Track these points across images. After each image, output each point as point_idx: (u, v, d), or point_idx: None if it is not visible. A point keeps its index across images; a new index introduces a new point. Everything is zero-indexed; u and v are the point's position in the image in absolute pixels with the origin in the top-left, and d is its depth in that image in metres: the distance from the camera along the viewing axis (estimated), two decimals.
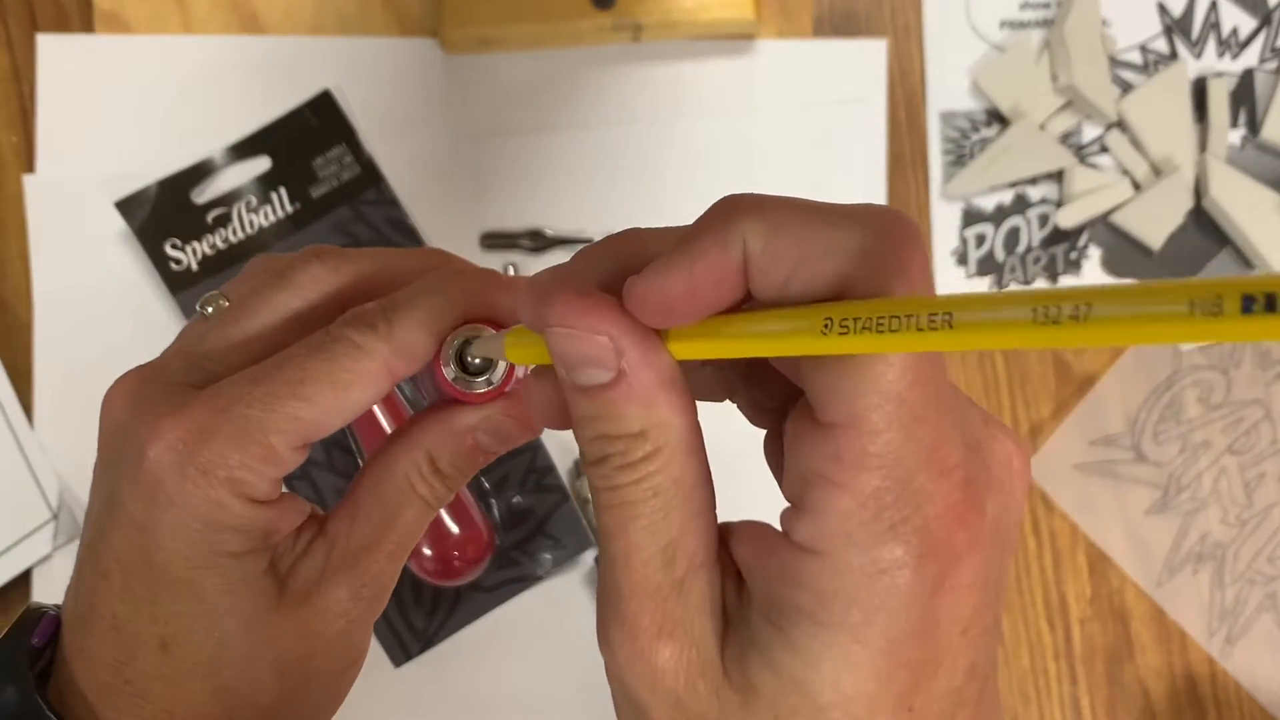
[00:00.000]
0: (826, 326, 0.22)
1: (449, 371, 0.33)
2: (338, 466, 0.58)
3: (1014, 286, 0.61)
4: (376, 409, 0.55)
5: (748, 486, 0.35)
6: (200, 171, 0.58)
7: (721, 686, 0.26)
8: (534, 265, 0.60)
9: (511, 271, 0.59)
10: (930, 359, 0.24)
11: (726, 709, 0.25)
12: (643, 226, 0.30)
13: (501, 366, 0.33)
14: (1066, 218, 0.60)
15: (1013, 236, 0.61)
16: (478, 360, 0.33)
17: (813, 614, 0.24)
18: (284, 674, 0.33)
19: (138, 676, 0.32)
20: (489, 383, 0.33)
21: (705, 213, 0.29)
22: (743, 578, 0.27)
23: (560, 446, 0.59)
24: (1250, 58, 0.61)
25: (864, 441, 0.23)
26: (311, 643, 0.33)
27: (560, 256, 0.59)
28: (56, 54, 0.59)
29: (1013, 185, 0.61)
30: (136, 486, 0.31)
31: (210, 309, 0.34)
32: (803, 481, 0.25)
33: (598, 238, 0.62)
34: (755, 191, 0.29)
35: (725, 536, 0.29)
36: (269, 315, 0.33)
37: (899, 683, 0.24)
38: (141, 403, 0.31)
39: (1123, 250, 0.61)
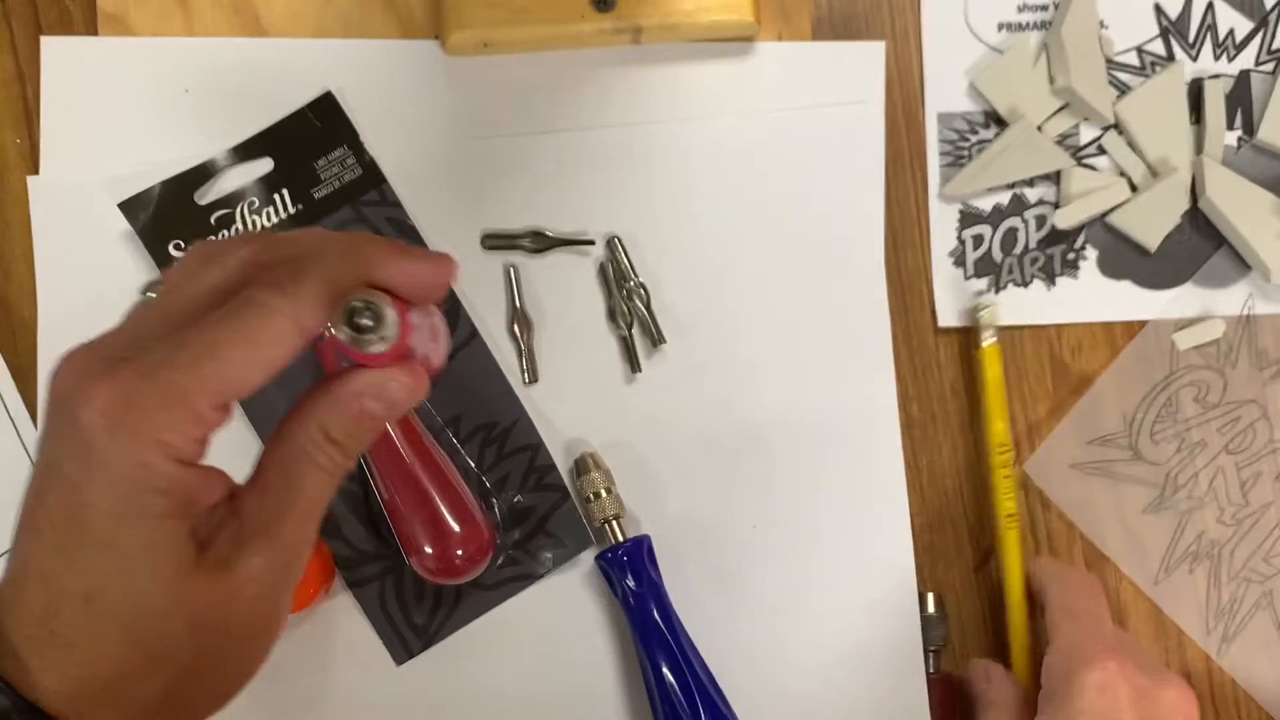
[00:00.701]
0: None
1: (341, 333, 0.34)
2: None
3: (1011, 289, 0.61)
4: None
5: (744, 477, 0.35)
6: (203, 173, 0.59)
7: None
8: (535, 266, 0.60)
9: (512, 273, 0.59)
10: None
11: None
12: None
13: (392, 327, 0.35)
14: (1064, 219, 0.60)
15: (1010, 237, 0.61)
16: (367, 322, 0.34)
17: None
18: (201, 634, 0.35)
19: (63, 628, 0.34)
20: (381, 340, 0.35)
21: None
22: None
23: (561, 446, 0.60)
24: (1246, 60, 0.62)
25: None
26: (227, 606, 0.35)
27: (561, 258, 0.60)
28: (60, 56, 0.60)
29: (1010, 186, 0.61)
30: (69, 449, 0.33)
31: (152, 293, 0.36)
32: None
33: (599, 239, 0.63)
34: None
35: None
36: (197, 292, 0.35)
37: None
38: (77, 374, 0.33)
39: (1120, 251, 0.61)
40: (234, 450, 0.38)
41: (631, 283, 0.59)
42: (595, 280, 0.60)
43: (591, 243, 0.59)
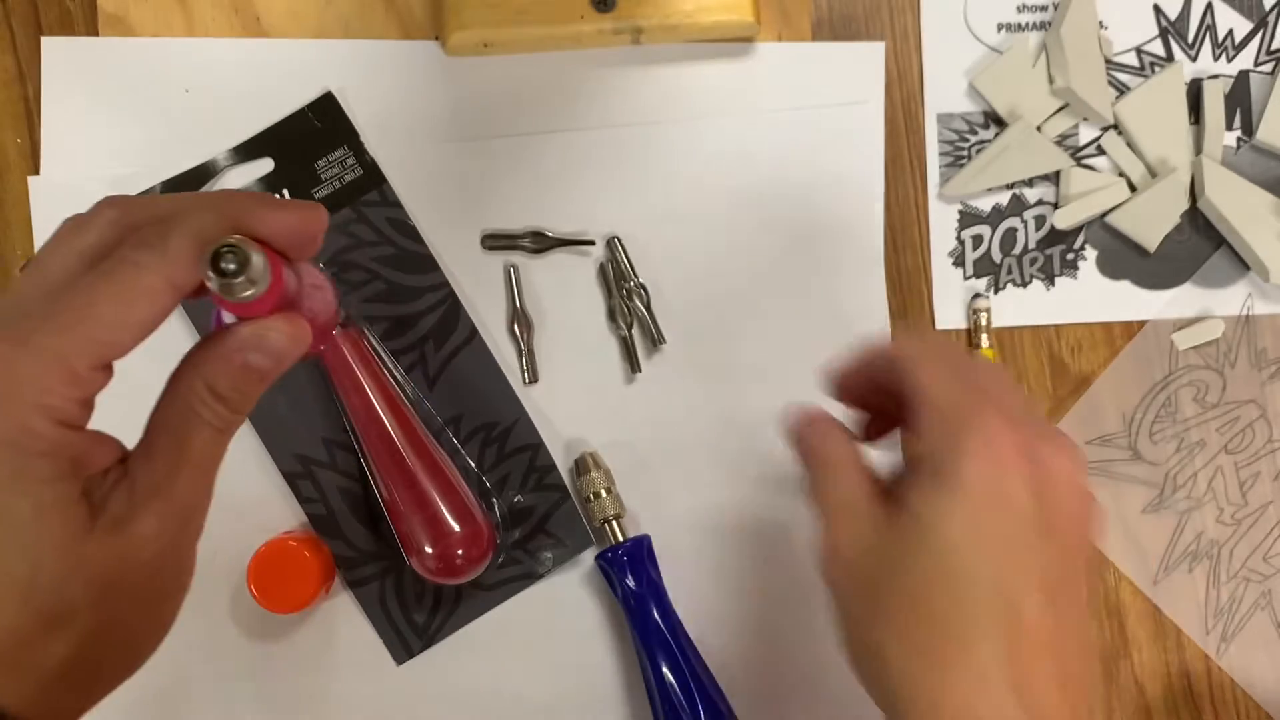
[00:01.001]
0: None
1: (210, 281, 0.34)
2: (340, 466, 0.58)
3: (1010, 289, 0.61)
4: (372, 397, 0.56)
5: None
6: (204, 173, 0.59)
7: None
8: (535, 267, 0.60)
9: (512, 274, 0.59)
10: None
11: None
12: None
13: (260, 271, 0.35)
14: (1063, 219, 0.60)
15: (1010, 237, 0.61)
16: (230, 265, 0.34)
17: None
18: (101, 596, 0.35)
19: None
20: (250, 284, 0.35)
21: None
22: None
23: (561, 446, 0.60)
24: (1245, 60, 0.62)
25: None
26: (125, 567, 0.35)
27: (561, 258, 0.60)
28: (61, 56, 0.60)
29: (1010, 187, 0.61)
30: None
31: (23, 268, 0.36)
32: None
33: (599, 239, 0.63)
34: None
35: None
36: (68, 258, 0.35)
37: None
38: None
39: (1119, 251, 0.62)
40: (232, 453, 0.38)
41: (631, 283, 0.59)
42: (595, 280, 0.60)
43: (591, 243, 0.59)
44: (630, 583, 0.57)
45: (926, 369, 0.43)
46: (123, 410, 0.36)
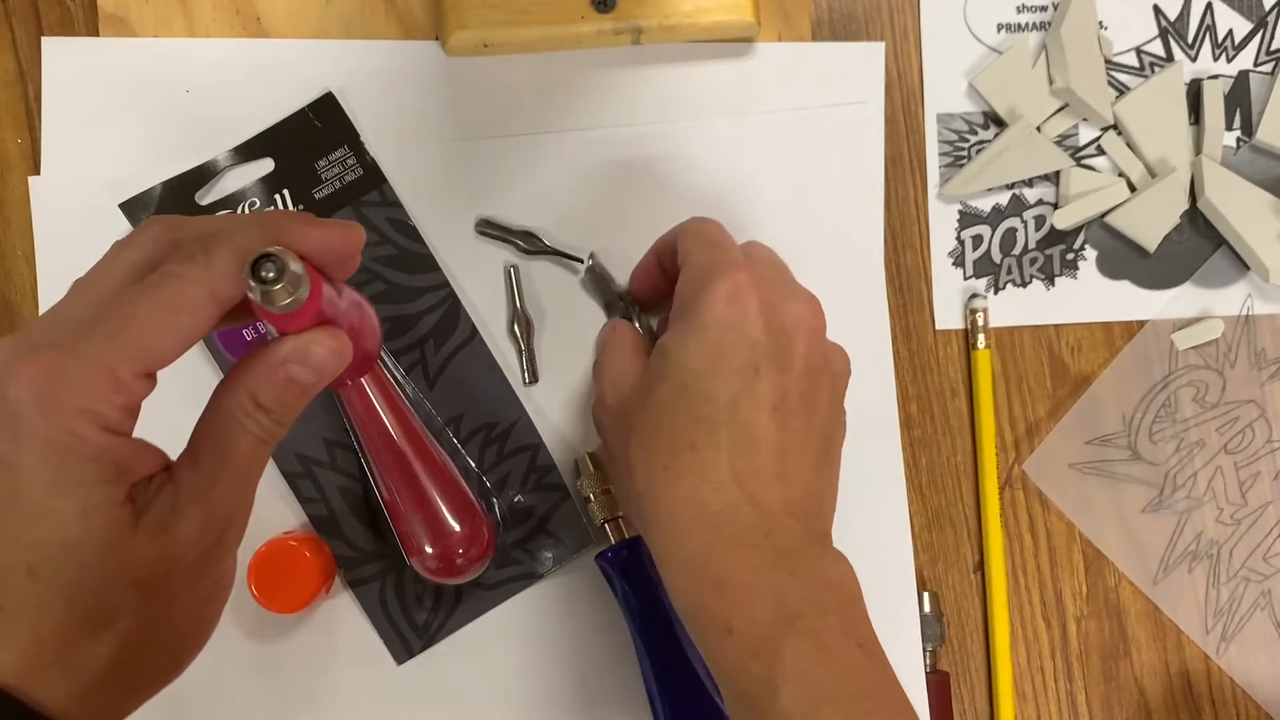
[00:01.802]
0: None
1: (251, 291, 0.35)
2: (340, 466, 0.58)
3: (1010, 289, 0.62)
4: (375, 402, 0.56)
5: None
6: (204, 173, 0.59)
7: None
8: (535, 267, 0.60)
9: (513, 275, 0.59)
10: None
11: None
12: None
13: (299, 282, 0.36)
14: (1063, 219, 0.61)
15: (1009, 238, 0.61)
16: (270, 273, 0.35)
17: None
18: (144, 600, 0.36)
19: (10, 603, 0.35)
20: (289, 295, 0.36)
21: None
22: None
23: (561, 446, 0.60)
24: (1245, 60, 0.62)
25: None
26: (168, 570, 0.36)
27: (548, 267, 0.60)
28: (61, 56, 0.60)
29: (1009, 187, 0.62)
30: (1, 428, 0.34)
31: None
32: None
33: (595, 246, 0.63)
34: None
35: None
36: (115, 273, 0.37)
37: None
38: (5, 359, 0.35)
39: (1119, 251, 0.62)
40: None
41: (620, 292, 0.59)
42: (594, 281, 0.60)
43: (581, 260, 0.59)
44: (630, 583, 0.57)
45: (692, 238, 0.51)
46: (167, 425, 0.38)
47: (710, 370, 0.46)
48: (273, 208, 0.59)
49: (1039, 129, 0.61)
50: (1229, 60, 0.62)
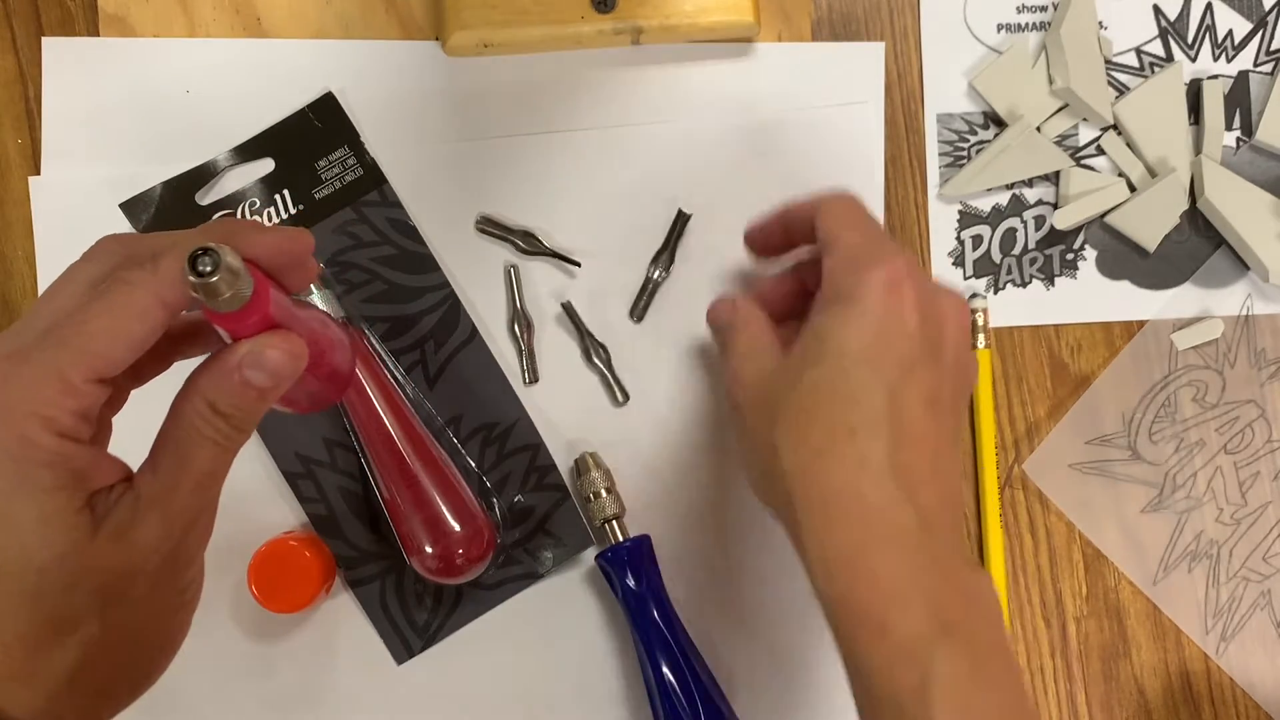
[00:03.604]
0: None
1: (190, 286, 0.35)
2: (340, 466, 0.58)
3: (1010, 289, 0.62)
4: (372, 397, 0.56)
5: None
6: (204, 173, 0.59)
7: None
8: (535, 267, 0.60)
9: (513, 275, 0.59)
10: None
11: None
12: None
13: (238, 275, 0.36)
14: (1063, 219, 0.61)
15: (1009, 238, 0.62)
16: (206, 266, 0.35)
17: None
18: (106, 606, 0.36)
19: None
20: (230, 290, 0.36)
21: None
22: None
23: (562, 446, 0.60)
24: (1245, 60, 0.62)
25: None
26: (129, 576, 0.36)
27: (549, 267, 0.60)
28: (62, 56, 0.60)
29: (1009, 187, 0.62)
30: None
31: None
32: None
33: (594, 246, 0.62)
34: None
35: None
36: (74, 286, 0.37)
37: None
38: None
39: (1118, 251, 0.62)
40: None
41: (590, 340, 0.59)
42: (593, 282, 0.60)
43: (578, 264, 0.59)
44: (630, 583, 0.57)
45: (839, 219, 0.49)
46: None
47: (871, 357, 0.45)
48: (360, 230, 0.58)
49: (1039, 129, 0.61)
50: (1229, 60, 0.62)
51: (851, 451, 0.44)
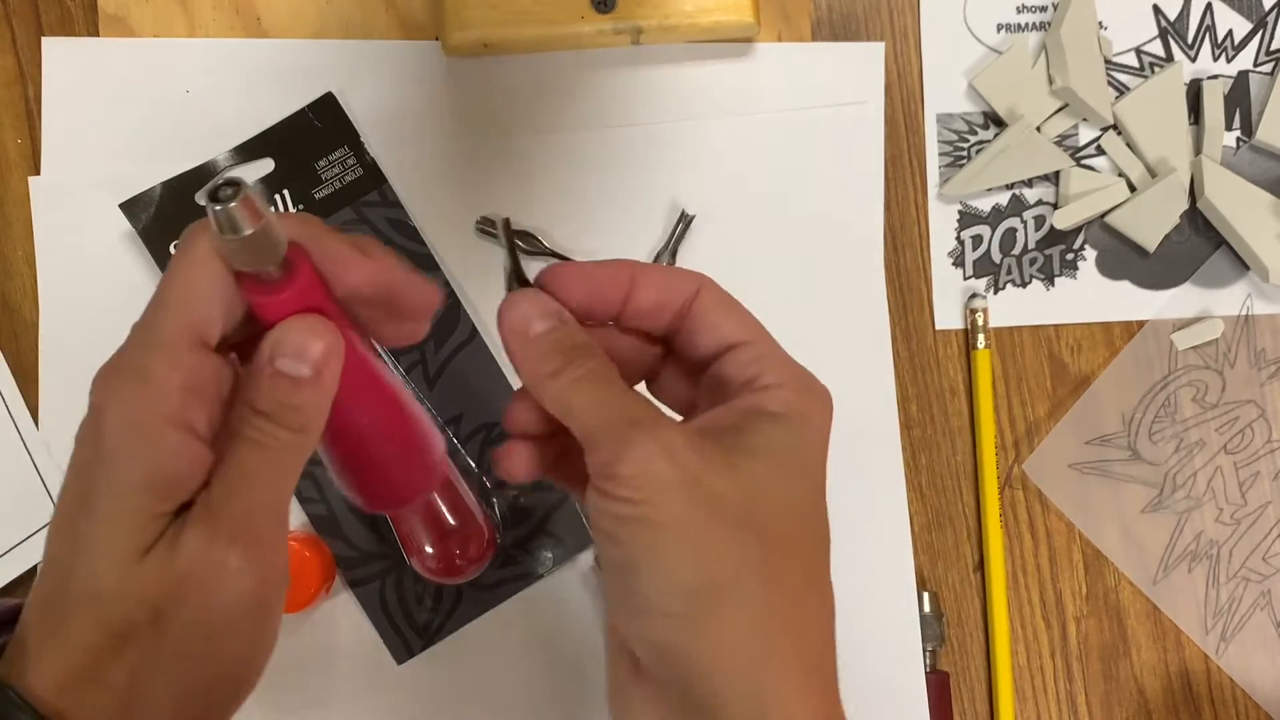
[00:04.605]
0: None
1: (212, 219, 0.33)
2: None
3: (1010, 289, 0.62)
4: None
5: None
6: (204, 173, 0.59)
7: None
8: (535, 267, 0.60)
9: (506, 227, 0.59)
10: None
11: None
12: None
13: (274, 229, 0.33)
14: (1063, 219, 0.61)
15: (1009, 238, 0.62)
16: (230, 193, 0.32)
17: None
18: (157, 617, 0.34)
19: (55, 608, 0.34)
20: (250, 225, 0.33)
21: None
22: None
23: None
24: (1245, 60, 0.62)
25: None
26: (177, 589, 0.34)
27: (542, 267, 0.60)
28: (61, 57, 0.60)
29: (1009, 187, 0.62)
30: (82, 432, 0.34)
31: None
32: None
33: (595, 246, 0.62)
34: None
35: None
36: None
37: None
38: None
39: (1118, 251, 0.62)
40: None
41: None
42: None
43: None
44: None
45: (744, 318, 0.40)
46: None
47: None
48: (360, 231, 0.57)
49: (1039, 129, 0.61)
50: (1229, 60, 0.62)
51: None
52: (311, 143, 0.59)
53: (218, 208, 0.33)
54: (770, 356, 0.38)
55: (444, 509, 0.55)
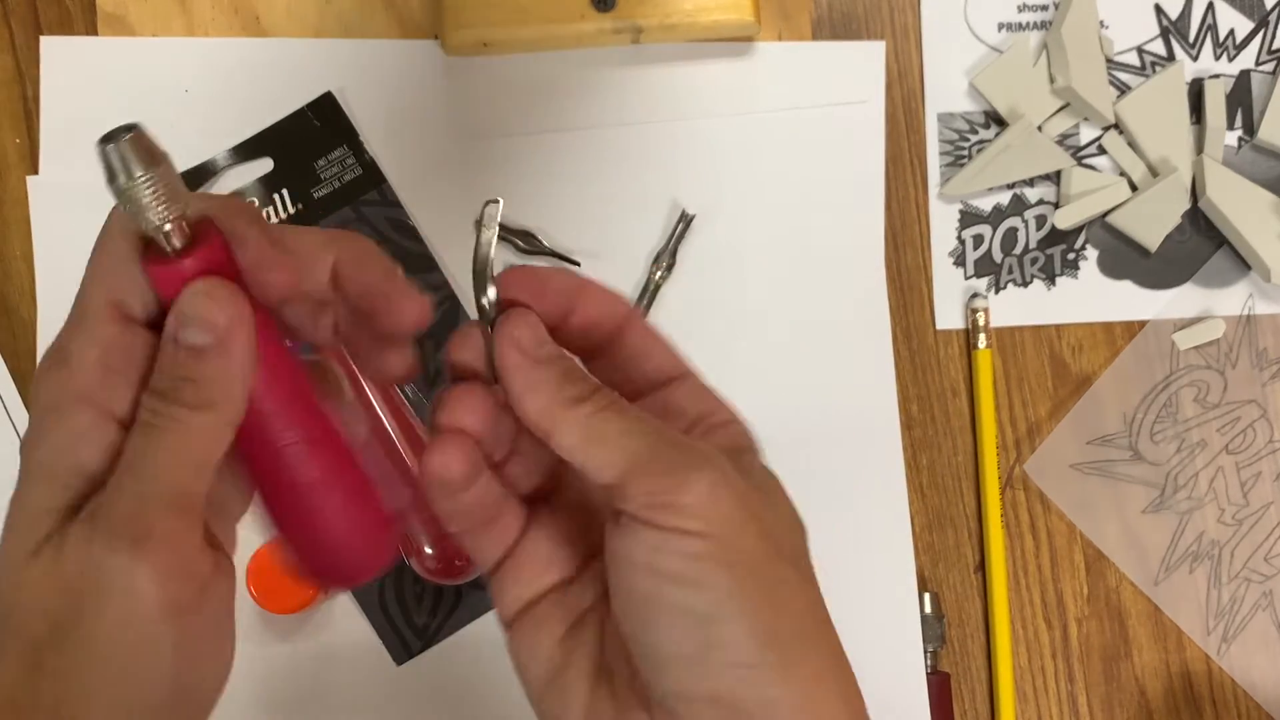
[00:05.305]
0: None
1: (104, 165, 0.31)
2: None
3: (1011, 289, 0.61)
4: (371, 398, 0.56)
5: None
6: (203, 173, 0.59)
7: None
8: (523, 264, 0.60)
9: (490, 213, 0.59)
10: None
11: None
12: None
13: (172, 181, 0.31)
14: (1064, 219, 0.60)
15: (1010, 237, 0.61)
16: (123, 131, 0.30)
17: None
18: (55, 631, 0.30)
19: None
20: (137, 166, 0.31)
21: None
22: None
23: None
24: (1247, 59, 0.62)
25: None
26: (68, 598, 0.30)
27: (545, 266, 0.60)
28: (60, 56, 0.60)
29: (1010, 186, 0.61)
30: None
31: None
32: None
33: (594, 246, 0.62)
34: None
35: None
36: None
37: None
38: None
39: (1120, 251, 0.61)
40: None
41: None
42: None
43: (577, 264, 0.59)
44: None
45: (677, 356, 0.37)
46: None
47: None
48: (359, 230, 0.55)
49: (1040, 128, 0.61)
50: (1230, 59, 0.62)
51: None
52: (310, 142, 0.59)
53: (109, 146, 0.31)
54: (709, 392, 0.36)
55: None
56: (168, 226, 0.31)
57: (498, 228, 0.32)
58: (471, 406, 0.32)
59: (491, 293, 0.32)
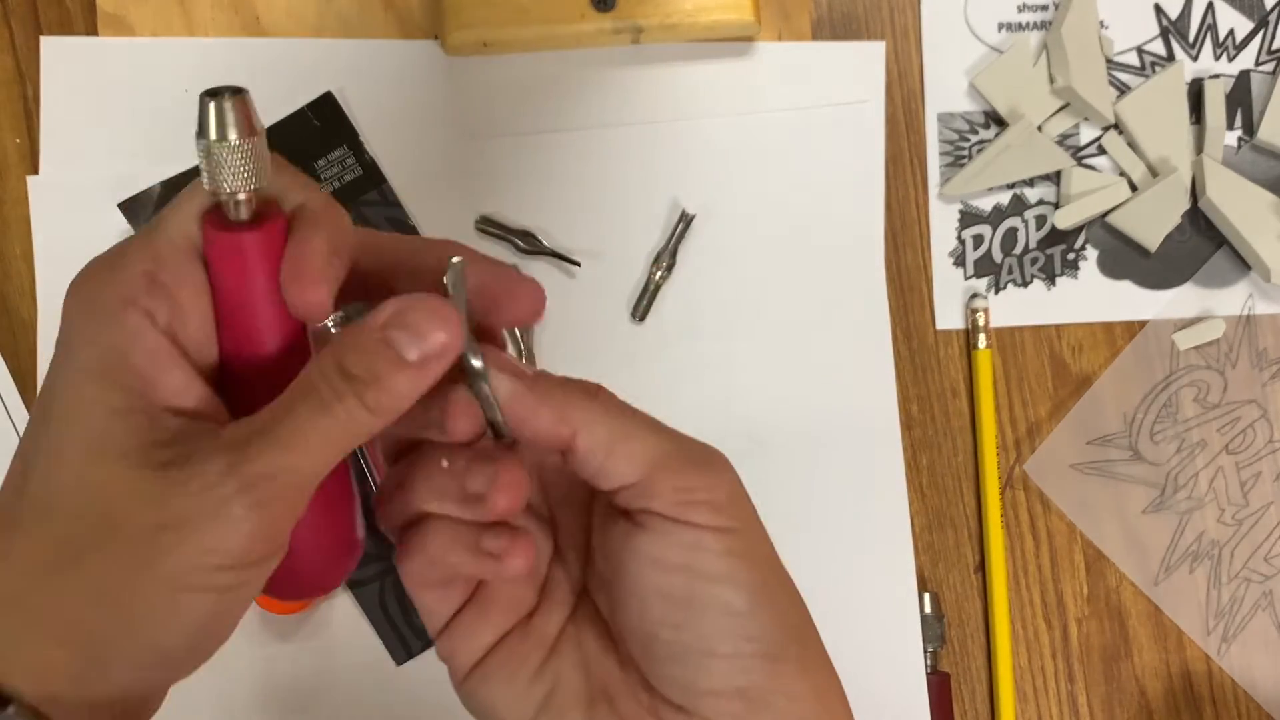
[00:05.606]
0: None
1: (204, 118, 0.32)
2: None
3: (1011, 289, 0.61)
4: None
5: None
6: None
7: None
8: (535, 266, 0.60)
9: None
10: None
11: None
12: None
13: (262, 166, 0.32)
14: (1064, 219, 0.60)
15: (1010, 237, 0.61)
16: (229, 93, 0.31)
17: None
18: (109, 531, 0.29)
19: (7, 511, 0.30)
20: (244, 153, 0.32)
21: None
22: None
23: None
24: (1246, 60, 0.62)
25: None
26: (169, 510, 0.29)
27: (548, 267, 0.60)
28: (60, 56, 0.60)
29: (1010, 186, 0.61)
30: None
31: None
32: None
33: (593, 246, 0.62)
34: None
35: None
36: None
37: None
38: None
39: (1120, 251, 0.61)
40: None
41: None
42: (594, 282, 0.60)
43: (578, 264, 0.59)
44: None
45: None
46: None
47: None
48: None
49: (1040, 128, 0.61)
50: (1230, 60, 0.62)
51: None
52: (311, 142, 0.59)
53: (211, 101, 0.31)
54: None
55: None
56: (241, 196, 0.32)
57: (465, 291, 0.32)
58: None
59: (478, 362, 0.32)
